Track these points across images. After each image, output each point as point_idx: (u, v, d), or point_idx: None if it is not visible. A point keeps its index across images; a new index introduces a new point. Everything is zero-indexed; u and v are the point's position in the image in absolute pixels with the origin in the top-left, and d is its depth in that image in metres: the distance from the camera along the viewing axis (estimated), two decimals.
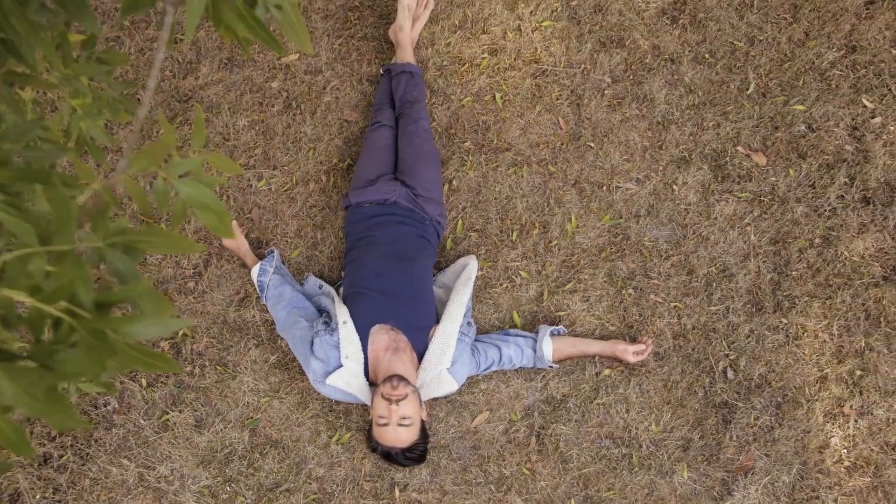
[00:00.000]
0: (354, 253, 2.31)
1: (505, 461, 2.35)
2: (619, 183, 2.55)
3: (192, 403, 2.36)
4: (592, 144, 2.58)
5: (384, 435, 2.10)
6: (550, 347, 2.32)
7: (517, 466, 2.35)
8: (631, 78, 2.63)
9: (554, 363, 2.36)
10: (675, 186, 2.55)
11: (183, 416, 2.35)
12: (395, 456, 2.14)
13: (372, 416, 2.13)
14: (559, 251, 2.50)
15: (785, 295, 2.46)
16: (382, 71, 2.60)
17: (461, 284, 2.32)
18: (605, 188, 2.55)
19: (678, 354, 2.43)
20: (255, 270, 2.37)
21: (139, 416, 2.35)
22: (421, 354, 2.22)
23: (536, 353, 2.32)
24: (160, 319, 0.52)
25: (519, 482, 2.34)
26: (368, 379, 2.20)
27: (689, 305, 2.46)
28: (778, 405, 2.39)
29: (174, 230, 0.61)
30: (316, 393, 2.37)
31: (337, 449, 2.35)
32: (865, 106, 2.59)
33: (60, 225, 0.45)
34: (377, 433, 2.12)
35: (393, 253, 2.27)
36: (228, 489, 2.30)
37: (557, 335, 2.39)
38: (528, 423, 2.38)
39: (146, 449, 2.32)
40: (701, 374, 2.41)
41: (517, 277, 2.49)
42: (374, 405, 2.11)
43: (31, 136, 0.86)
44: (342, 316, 2.19)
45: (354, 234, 2.35)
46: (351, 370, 2.15)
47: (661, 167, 2.56)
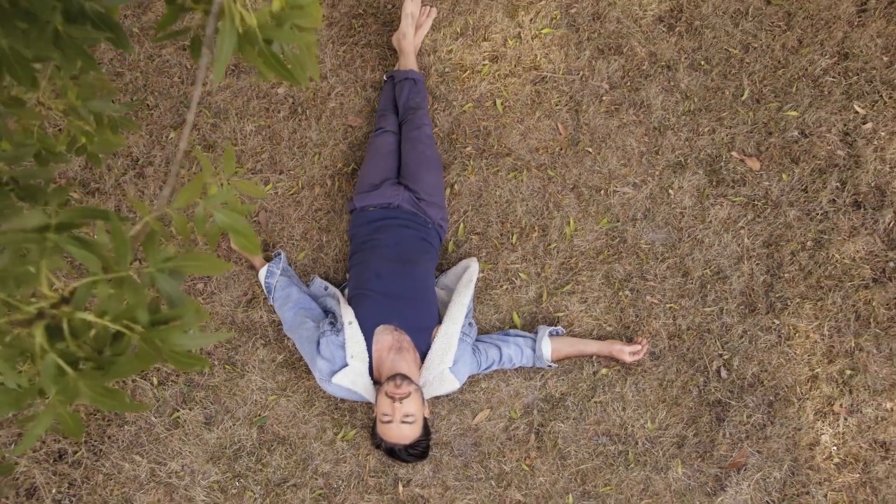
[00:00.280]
0: (359, 256, 2.36)
1: (505, 457, 2.42)
2: (616, 187, 2.61)
3: (201, 401, 2.43)
4: (590, 149, 2.64)
5: (388, 432, 2.15)
6: (549, 347, 2.38)
7: (517, 462, 2.42)
8: (628, 84, 2.69)
9: (553, 363, 2.42)
10: (671, 190, 2.61)
11: (193, 413, 2.42)
12: (398, 452, 2.19)
13: (376, 413, 2.17)
14: (558, 254, 2.57)
15: (777, 296, 2.52)
16: (386, 77, 2.65)
17: (463, 286, 2.37)
18: (602, 192, 2.61)
19: (673, 354, 2.49)
20: (262, 272, 2.44)
21: (150, 413, 2.42)
22: (424, 354, 2.27)
23: (536, 352, 2.38)
24: (202, 333, 0.59)
25: (518, 478, 2.41)
26: (373, 378, 2.25)
27: (684, 307, 2.52)
28: (770, 403, 2.46)
29: (210, 253, 0.69)
30: (322, 391, 2.43)
31: (342, 445, 2.42)
32: (857, 112, 2.65)
33: (118, 254, 0.51)
34: (381, 430, 2.17)
35: (396, 256, 2.32)
36: (237, 484, 2.38)
37: (556, 335, 2.45)
38: (527, 420, 2.45)
39: (157, 445, 2.39)
40: (695, 373, 2.48)
41: (517, 279, 2.55)
42: (378, 403, 2.16)
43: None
44: (347, 317, 2.24)
45: (359, 237, 2.40)
46: (356, 369, 2.20)
47: (657, 172, 2.62)
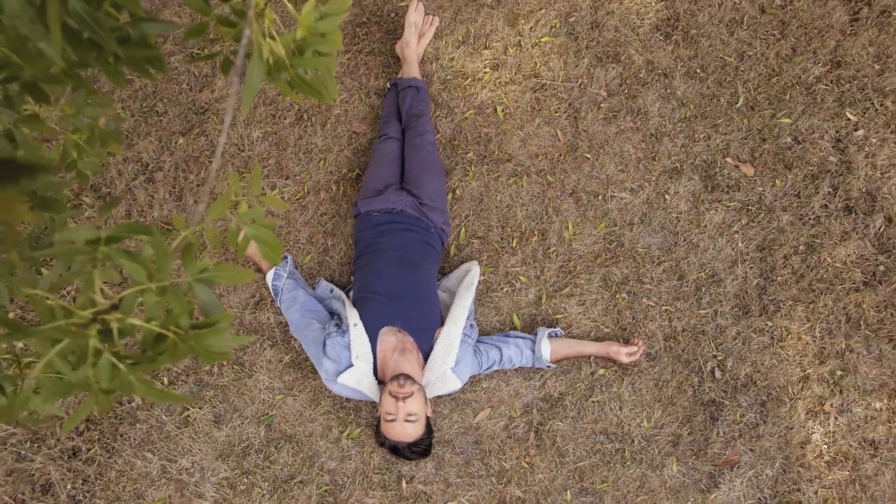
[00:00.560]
0: (364, 259, 2.42)
1: (505, 455, 2.48)
2: (613, 192, 2.68)
3: (211, 400, 2.50)
4: (589, 155, 2.71)
5: (392, 430, 2.20)
6: (548, 348, 2.43)
7: (517, 460, 2.48)
8: (626, 92, 2.76)
9: (551, 363, 2.47)
10: (667, 196, 2.67)
11: (203, 412, 2.48)
12: (401, 450, 2.24)
13: (380, 412, 2.23)
14: (557, 257, 2.63)
15: (770, 299, 2.59)
16: (389, 85, 2.71)
17: (464, 289, 2.42)
18: (600, 197, 2.68)
19: (669, 355, 2.56)
20: (269, 275, 2.50)
21: (161, 412, 2.49)
22: (426, 355, 2.32)
23: (535, 353, 2.44)
24: (231, 336, 0.66)
25: (518, 475, 2.47)
26: (377, 378, 2.30)
27: (679, 309, 2.59)
28: (763, 403, 2.52)
29: (238, 263, 0.75)
30: (328, 391, 2.50)
31: (347, 443, 2.48)
32: (849, 119, 2.71)
33: (161, 266, 0.58)
34: (385, 428, 2.22)
35: (400, 259, 2.37)
36: (246, 481, 2.44)
37: (555, 337, 2.50)
38: (527, 419, 2.51)
39: (168, 443, 2.46)
40: (690, 373, 2.54)
41: (517, 282, 2.61)
42: (382, 402, 2.21)
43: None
44: (353, 318, 2.29)
45: (363, 241, 2.46)
46: (361, 369, 2.25)
47: (654, 177, 2.69)
